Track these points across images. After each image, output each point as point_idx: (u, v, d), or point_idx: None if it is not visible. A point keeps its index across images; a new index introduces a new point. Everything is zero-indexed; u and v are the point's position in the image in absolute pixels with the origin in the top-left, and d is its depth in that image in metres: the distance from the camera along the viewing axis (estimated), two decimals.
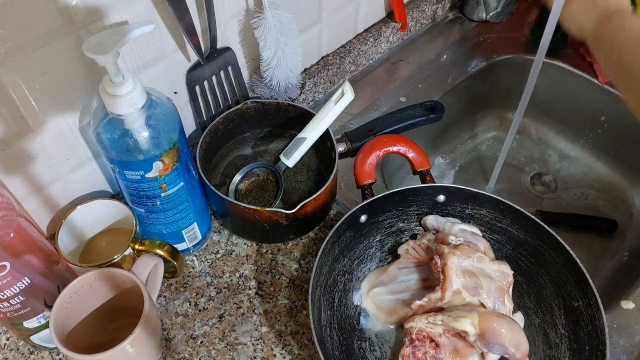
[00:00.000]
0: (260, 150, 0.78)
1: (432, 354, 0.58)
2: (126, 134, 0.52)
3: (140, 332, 0.52)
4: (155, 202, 0.59)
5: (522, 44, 1.01)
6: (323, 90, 0.89)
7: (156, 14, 0.60)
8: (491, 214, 0.67)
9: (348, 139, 0.73)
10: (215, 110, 0.75)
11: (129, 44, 0.59)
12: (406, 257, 0.67)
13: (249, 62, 0.76)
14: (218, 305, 0.66)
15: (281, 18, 0.67)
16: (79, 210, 0.62)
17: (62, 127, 0.60)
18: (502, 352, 0.56)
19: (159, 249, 0.60)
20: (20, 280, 0.50)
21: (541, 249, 0.63)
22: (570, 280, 0.60)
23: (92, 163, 0.67)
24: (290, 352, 0.62)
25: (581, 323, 0.58)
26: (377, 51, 0.96)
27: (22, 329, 0.57)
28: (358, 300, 0.65)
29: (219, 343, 0.63)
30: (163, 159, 0.55)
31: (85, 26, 0.55)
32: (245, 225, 0.69)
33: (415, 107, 0.76)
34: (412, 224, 0.70)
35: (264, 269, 0.69)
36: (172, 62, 0.66)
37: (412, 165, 0.71)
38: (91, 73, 0.58)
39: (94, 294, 0.57)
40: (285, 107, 0.74)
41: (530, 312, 0.64)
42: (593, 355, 0.55)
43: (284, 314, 0.65)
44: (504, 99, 1.04)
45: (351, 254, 0.66)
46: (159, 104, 0.54)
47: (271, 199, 0.73)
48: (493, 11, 1.03)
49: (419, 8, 0.98)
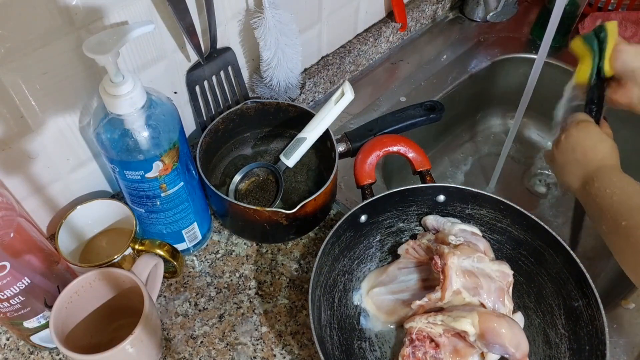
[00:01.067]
0: (260, 150, 0.78)
1: (432, 354, 0.58)
2: (126, 134, 0.52)
3: (140, 332, 0.52)
4: (155, 202, 0.59)
5: (522, 44, 1.01)
6: (323, 90, 0.89)
7: (156, 14, 0.60)
8: (491, 214, 0.67)
9: (348, 139, 0.73)
10: (215, 110, 0.75)
11: (129, 44, 0.59)
12: (406, 257, 0.67)
13: (249, 62, 0.76)
14: (218, 305, 0.66)
15: (281, 18, 0.67)
16: (79, 210, 0.62)
17: (62, 127, 0.60)
18: (502, 352, 0.56)
19: (159, 249, 0.60)
20: (20, 280, 0.50)
21: (541, 249, 0.63)
22: (570, 280, 0.60)
23: (92, 163, 0.67)
24: (290, 352, 0.62)
25: (581, 323, 0.58)
26: (377, 51, 0.96)
27: (22, 329, 0.57)
28: (358, 300, 0.65)
29: (219, 343, 0.63)
30: (163, 159, 0.55)
31: (85, 26, 0.55)
32: (245, 225, 0.69)
33: (415, 107, 0.76)
34: (412, 224, 0.70)
35: (264, 269, 0.69)
36: (172, 62, 0.66)
37: (412, 165, 0.71)
38: (91, 73, 0.58)
39: (94, 294, 0.57)
40: (285, 107, 0.74)
41: (530, 312, 0.64)
42: (593, 355, 0.55)
43: (284, 314, 0.65)
44: (504, 99, 1.04)
45: (351, 254, 0.66)
46: (159, 104, 0.54)
47: (271, 199, 0.73)
48: (493, 11, 1.03)
49: (419, 8, 0.98)
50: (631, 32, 0.94)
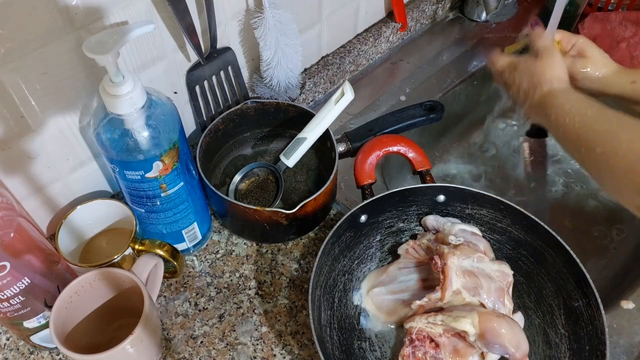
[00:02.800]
0: (260, 150, 0.78)
1: (432, 354, 0.58)
2: (126, 134, 0.52)
3: (140, 332, 0.52)
4: (155, 202, 0.59)
5: None
6: (323, 90, 0.89)
7: (156, 14, 0.60)
8: (491, 214, 0.67)
9: (348, 139, 0.73)
10: (215, 110, 0.75)
11: (129, 44, 0.59)
12: (406, 257, 0.67)
13: (249, 62, 0.76)
14: (218, 305, 0.66)
15: (281, 18, 0.67)
16: (79, 210, 0.62)
17: (62, 127, 0.60)
18: (502, 352, 0.56)
19: (159, 249, 0.60)
20: (20, 280, 0.50)
21: (541, 249, 0.63)
22: (570, 280, 0.60)
23: (92, 163, 0.67)
24: (290, 352, 0.62)
25: (581, 323, 0.58)
26: (377, 51, 0.96)
27: (22, 329, 0.57)
28: (358, 300, 0.65)
29: (219, 343, 0.63)
30: (163, 159, 0.55)
31: (85, 26, 0.55)
32: (245, 225, 0.69)
33: (415, 107, 0.76)
34: (412, 224, 0.70)
35: (264, 269, 0.69)
36: (172, 62, 0.66)
37: (412, 165, 0.71)
38: (91, 73, 0.58)
39: (94, 294, 0.57)
40: (285, 107, 0.74)
41: (530, 312, 0.64)
42: (593, 355, 0.55)
43: (284, 314, 0.65)
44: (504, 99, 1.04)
45: (351, 254, 0.66)
46: (159, 104, 0.54)
47: (271, 199, 0.73)
48: (493, 11, 1.03)
49: (419, 8, 0.98)
50: (631, 32, 0.94)
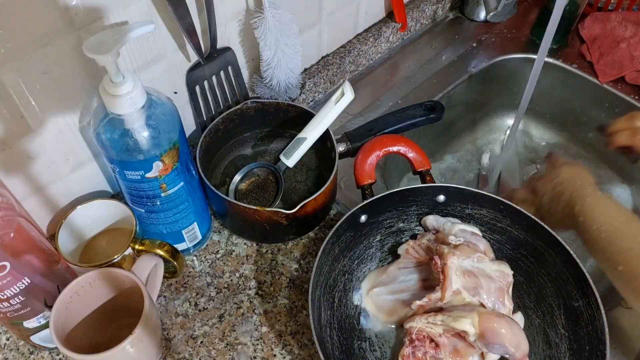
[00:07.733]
0: (260, 150, 0.78)
1: (432, 354, 0.58)
2: (126, 134, 0.52)
3: (140, 332, 0.52)
4: (155, 202, 0.59)
5: (522, 44, 1.01)
6: (323, 90, 0.89)
7: (156, 14, 0.60)
8: (491, 214, 0.67)
9: (348, 139, 0.73)
10: (215, 110, 0.75)
11: (129, 44, 0.59)
12: (406, 257, 0.67)
13: (249, 62, 0.76)
14: (218, 305, 0.66)
15: (281, 18, 0.67)
16: (79, 210, 0.62)
17: (62, 127, 0.60)
18: (502, 352, 0.56)
19: (159, 249, 0.60)
20: (20, 280, 0.50)
21: (541, 249, 0.63)
22: (570, 280, 0.60)
23: (92, 163, 0.67)
24: (290, 352, 0.62)
25: (581, 323, 0.58)
26: (377, 51, 0.96)
27: (22, 329, 0.57)
28: (358, 300, 0.65)
29: (219, 343, 0.63)
30: (163, 159, 0.55)
31: (85, 26, 0.55)
32: (245, 225, 0.69)
33: (415, 107, 0.76)
34: (412, 224, 0.70)
35: (264, 269, 0.69)
36: (172, 62, 0.66)
37: (412, 165, 0.71)
38: (91, 73, 0.58)
39: (94, 294, 0.57)
40: (285, 107, 0.74)
41: (530, 312, 0.64)
42: (593, 355, 0.55)
43: (284, 314, 0.65)
44: (504, 99, 1.04)
45: (351, 254, 0.66)
46: (159, 104, 0.54)
47: (271, 199, 0.73)
48: (493, 11, 1.03)
49: (419, 8, 0.98)
50: (631, 32, 0.94)
